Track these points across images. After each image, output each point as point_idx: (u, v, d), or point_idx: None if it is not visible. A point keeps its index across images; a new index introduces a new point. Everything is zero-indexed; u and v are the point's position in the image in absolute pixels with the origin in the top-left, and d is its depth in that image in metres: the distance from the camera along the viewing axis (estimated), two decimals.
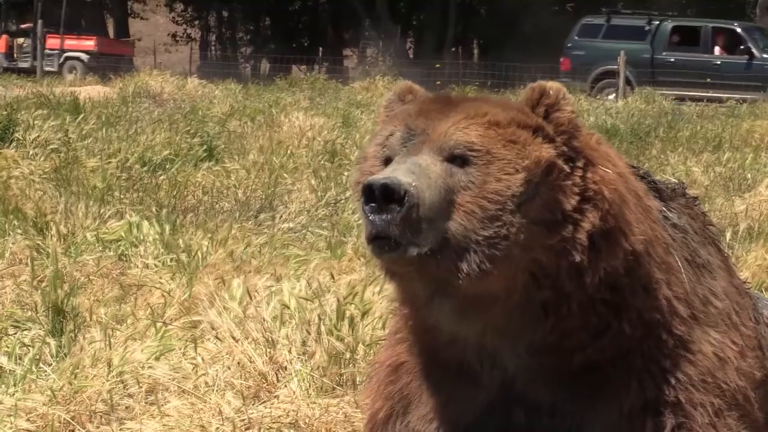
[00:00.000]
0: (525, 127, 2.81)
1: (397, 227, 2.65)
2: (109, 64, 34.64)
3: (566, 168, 2.80)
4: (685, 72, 28.89)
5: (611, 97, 27.78)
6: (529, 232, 2.73)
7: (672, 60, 29.82)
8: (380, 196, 2.65)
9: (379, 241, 2.67)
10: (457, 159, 2.76)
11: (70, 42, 37.97)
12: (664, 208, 3.12)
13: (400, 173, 2.69)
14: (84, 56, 37.37)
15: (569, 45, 30.86)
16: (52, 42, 37.33)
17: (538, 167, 2.76)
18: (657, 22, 30.61)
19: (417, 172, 2.70)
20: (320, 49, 41.98)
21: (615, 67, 28.72)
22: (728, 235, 7.99)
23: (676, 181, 3.46)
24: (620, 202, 2.84)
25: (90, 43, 38.28)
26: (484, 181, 2.74)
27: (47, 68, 34.94)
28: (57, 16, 37.60)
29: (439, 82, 28.60)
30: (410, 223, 2.66)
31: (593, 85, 29.23)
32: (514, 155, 2.76)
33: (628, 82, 28.81)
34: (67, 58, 37.32)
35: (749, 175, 11.93)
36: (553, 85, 2.89)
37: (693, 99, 25.68)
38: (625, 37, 30.00)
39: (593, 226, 2.78)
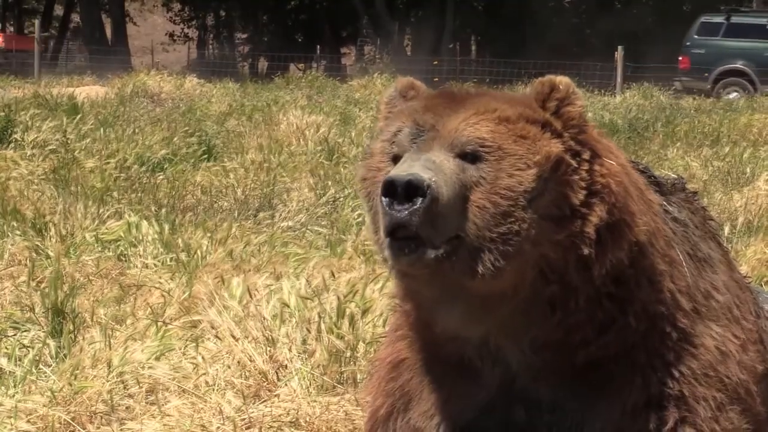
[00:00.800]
0: (534, 122, 2.81)
1: (419, 218, 2.64)
2: (17, 60, 34.89)
3: (573, 163, 2.79)
4: None
5: (733, 96, 27.46)
6: (539, 227, 2.73)
7: None
8: (403, 193, 2.64)
9: (398, 242, 2.66)
10: (469, 155, 2.75)
11: None
12: (664, 203, 3.12)
13: (418, 169, 2.68)
14: None
15: (688, 43, 30.31)
16: None
17: (548, 162, 2.76)
18: None
19: (433, 169, 2.69)
20: (318, 46, 41.99)
21: (737, 65, 28.44)
22: (727, 230, 7.99)
23: (676, 176, 3.45)
24: (625, 194, 2.84)
25: None
26: (496, 177, 2.73)
27: None
28: None
29: (437, 79, 28.60)
30: (431, 216, 2.65)
31: (714, 84, 28.77)
32: (525, 151, 2.76)
33: (751, 81, 28.58)
34: None
35: (747, 169, 11.93)
36: (562, 80, 2.88)
37: None
38: (746, 36, 29.56)
39: (600, 219, 2.78)
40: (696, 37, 30.34)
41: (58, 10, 57.05)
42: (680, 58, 30.28)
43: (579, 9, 47.47)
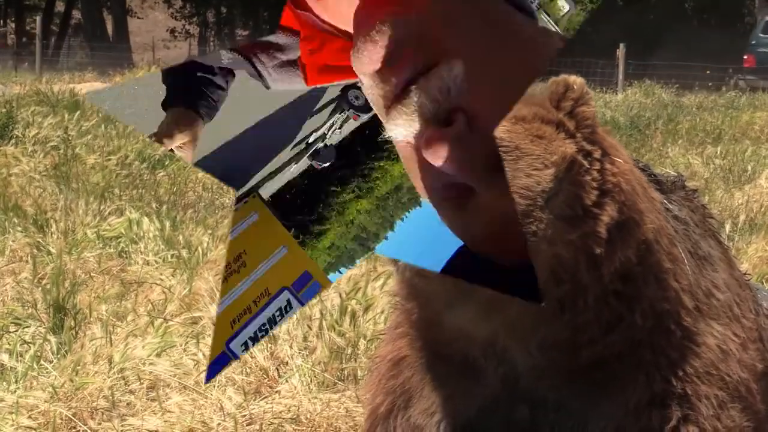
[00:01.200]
0: (548, 122, 2.80)
1: None
2: None
3: (585, 163, 2.79)
4: None
5: None
6: (554, 227, 2.72)
7: None
8: None
9: None
10: None
11: None
12: (665, 201, 3.12)
13: None
14: None
15: (753, 42, 30.14)
16: None
17: (563, 162, 2.75)
18: None
19: None
20: None
21: None
22: (728, 227, 7.99)
23: (675, 173, 3.46)
24: (633, 193, 2.84)
25: None
26: (514, 177, 2.71)
27: None
28: None
29: None
30: None
31: None
32: (542, 150, 2.74)
33: None
34: None
35: (749, 167, 11.93)
36: (576, 80, 2.87)
37: None
38: None
39: (611, 218, 2.77)
40: (761, 35, 30.17)
41: (59, 7, 57.05)
42: (745, 57, 30.08)
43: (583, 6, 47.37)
